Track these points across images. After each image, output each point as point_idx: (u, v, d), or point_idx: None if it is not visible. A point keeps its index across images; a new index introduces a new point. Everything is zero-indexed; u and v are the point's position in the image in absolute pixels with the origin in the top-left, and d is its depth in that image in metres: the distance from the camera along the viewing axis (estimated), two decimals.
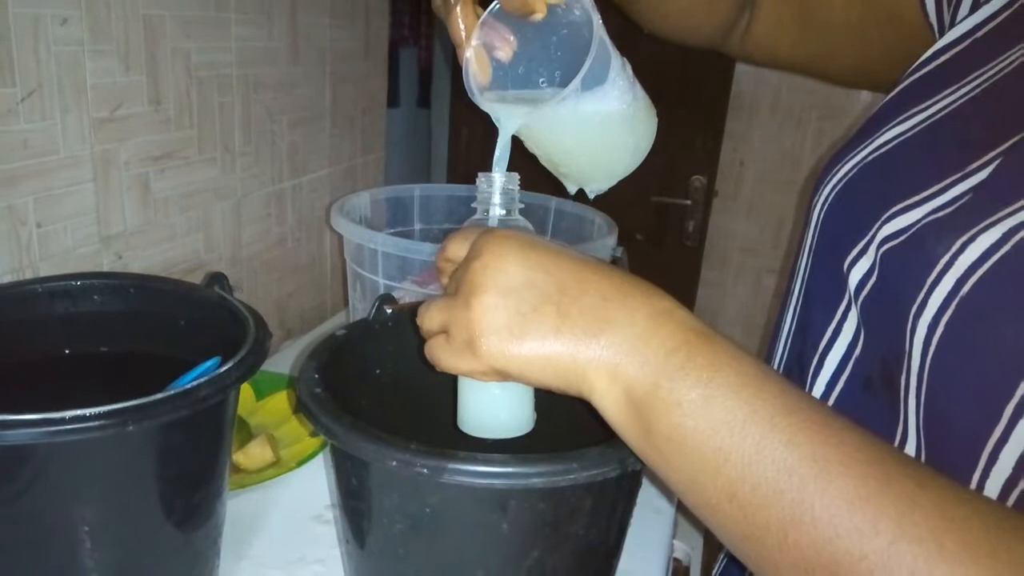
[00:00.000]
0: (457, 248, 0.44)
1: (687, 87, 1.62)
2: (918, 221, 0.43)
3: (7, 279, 0.67)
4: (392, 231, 0.94)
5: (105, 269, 0.78)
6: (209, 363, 0.48)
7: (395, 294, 0.70)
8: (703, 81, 1.65)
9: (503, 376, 0.40)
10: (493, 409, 0.46)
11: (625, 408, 0.37)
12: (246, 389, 0.82)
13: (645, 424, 0.37)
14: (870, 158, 0.51)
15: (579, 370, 0.38)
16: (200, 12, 0.85)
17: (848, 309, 0.48)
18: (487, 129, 0.51)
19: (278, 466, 0.75)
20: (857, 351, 0.48)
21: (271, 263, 1.06)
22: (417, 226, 0.96)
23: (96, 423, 0.41)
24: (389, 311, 0.58)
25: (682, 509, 0.77)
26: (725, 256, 1.91)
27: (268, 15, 0.96)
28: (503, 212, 0.50)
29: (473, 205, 0.51)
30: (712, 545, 0.74)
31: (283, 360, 0.96)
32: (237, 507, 0.70)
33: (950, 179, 0.43)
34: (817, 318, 0.51)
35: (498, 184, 0.50)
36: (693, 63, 1.57)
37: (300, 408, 0.45)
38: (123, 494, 0.47)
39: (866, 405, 0.47)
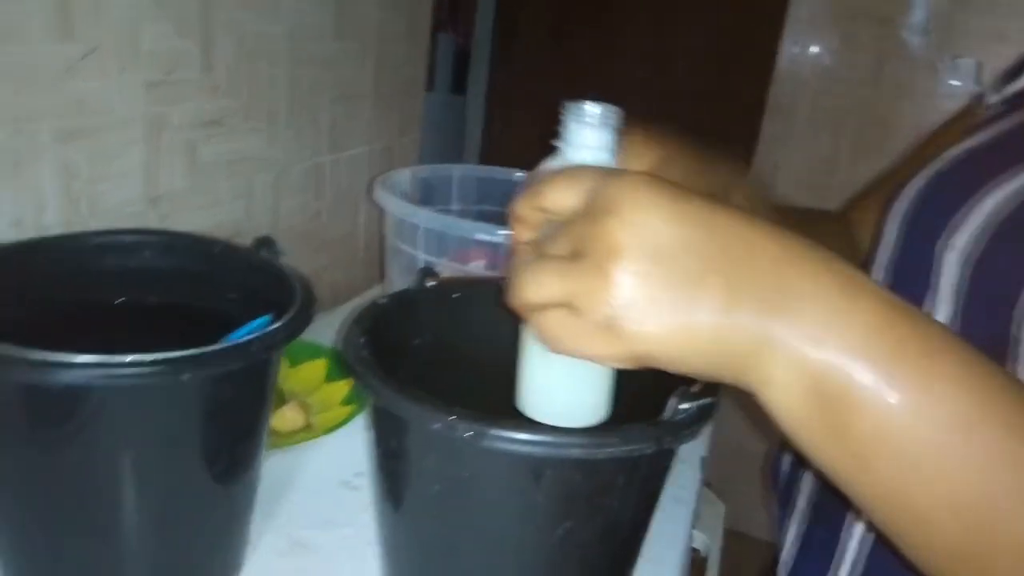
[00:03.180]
0: (562, 195, 0.34)
1: (725, 88, 1.62)
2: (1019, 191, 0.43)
3: (57, 231, 0.69)
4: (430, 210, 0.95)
5: None
6: (260, 320, 0.49)
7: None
8: (741, 83, 1.65)
9: (642, 362, 0.33)
10: (574, 394, 0.39)
11: (810, 402, 0.30)
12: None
13: (838, 421, 0.30)
14: (945, 167, 0.51)
15: (752, 357, 0.31)
16: None
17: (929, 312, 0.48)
18: (522, 116, 0.51)
19: (309, 431, 0.76)
20: None
21: (307, 235, 1.07)
22: (455, 206, 0.97)
23: (153, 369, 0.42)
24: (430, 284, 0.59)
25: (703, 500, 0.78)
26: None
27: None
28: (605, 158, 0.38)
29: (556, 143, 0.39)
30: (735, 540, 0.75)
31: (314, 330, 0.97)
32: (269, 467, 0.71)
33: None
34: None
35: (599, 116, 0.37)
36: (732, 65, 1.56)
37: (347, 369, 0.47)
38: (170, 443, 0.48)
39: None
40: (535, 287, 0.33)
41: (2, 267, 0.56)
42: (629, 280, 0.31)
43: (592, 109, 0.37)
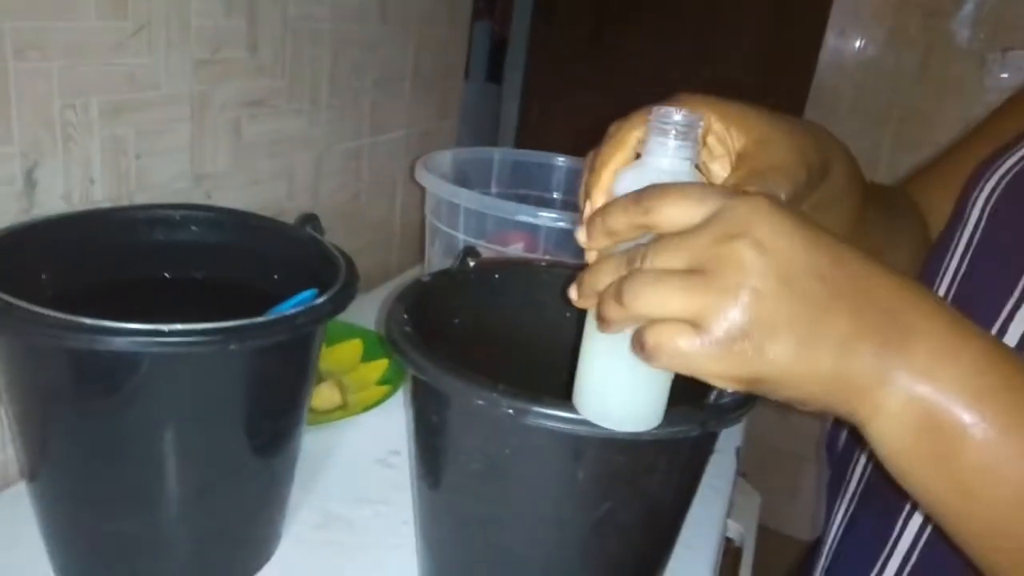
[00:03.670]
0: (680, 212, 0.33)
1: (767, 79, 1.60)
2: None
3: (106, 204, 0.70)
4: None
5: None
6: (306, 293, 0.50)
7: None
8: (784, 74, 1.63)
9: (754, 385, 0.33)
10: (642, 400, 0.39)
11: (919, 433, 0.32)
12: None
13: (947, 452, 0.31)
14: None
15: (866, 387, 0.32)
16: None
17: (1017, 308, 0.45)
18: (559, 107, 0.50)
19: (345, 409, 0.77)
20: None
21: (345, 217, 1.08)
22: (494, 189, 0.97)
23: (201, 339, 0.43)
24: (472, 263, 0.59)
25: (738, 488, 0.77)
26: None
27: None
28: (687, 164, 0.36)
29: (639, 150, 0.39)
30: (766, 535, 0.74)
31: (351, 311, 0.98)
32: (306, 443, 0.72)
33: None
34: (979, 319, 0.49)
35: (684, 125, 0.36)
36: (774, 56, 1.54)
37: (390, 345, 0.47)
38: (216, 413, 0.49)
39: None
40: (656, 299, 0.32)
41: (53, 238, 0.57)
42: (759, 302, 0.31)
43: (678, 118, 0.36)
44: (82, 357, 0.45)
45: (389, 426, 0.77)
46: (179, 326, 0.42)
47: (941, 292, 0.52)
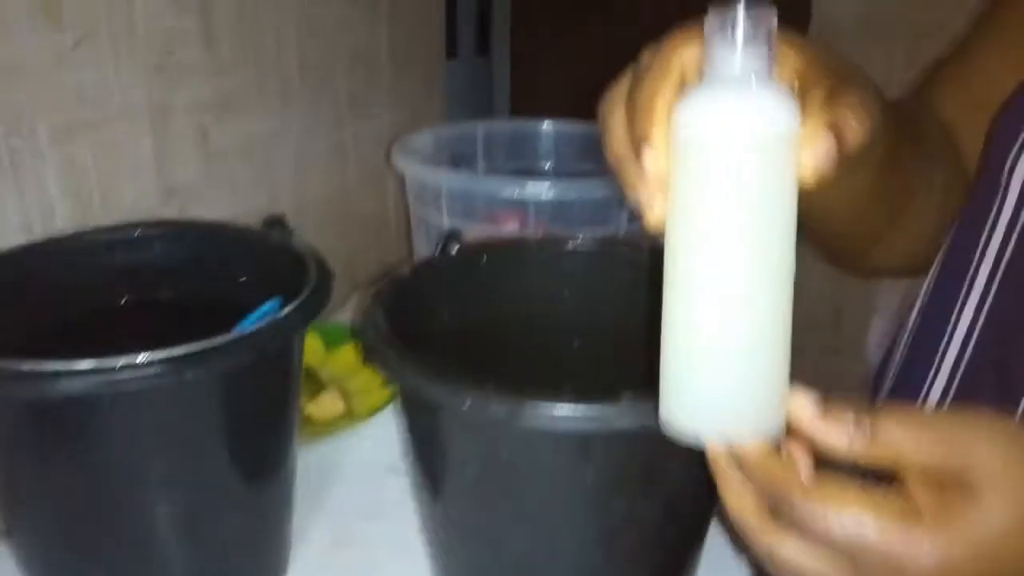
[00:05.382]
0: (926, 449, 0.29)
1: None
2: None
3: (69, 231, 0.66)
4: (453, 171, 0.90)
5: None
6: (268, 305, 0.45)
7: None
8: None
9: None
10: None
11: None
12: (315, 339, 0.81)
13: None
14: None
15: None
16: None
17: None
18: (548, 71, 0.43)
19: (350, 417, 0.73)
20: None
21: (336, 214, 1.03)
22: (481, 165, 0.91)
23: (150, 370, 0.38)
24: (455, 250, 0.54)
25: None
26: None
27: None
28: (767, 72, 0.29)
29: (706, 68, 0.30)
30: None
31: (348, 311, 0.94)
32: (310, 459, 0.68)
33: None
34: None
35: (752, 27, 0.29)
36: None
37: (363, 349, 0.42)
38: (189, 446, 0.45)
39: None
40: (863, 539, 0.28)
41: (8, 272, 0.53)
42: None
43: (741, 17, 0.29)
44: (33, 404, 0.41)
45: (398, 429, 0.72)
46: (124, 360, 0.38)
47: (982, 280, 0.45)
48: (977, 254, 0.46)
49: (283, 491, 0.53)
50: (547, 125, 0.91)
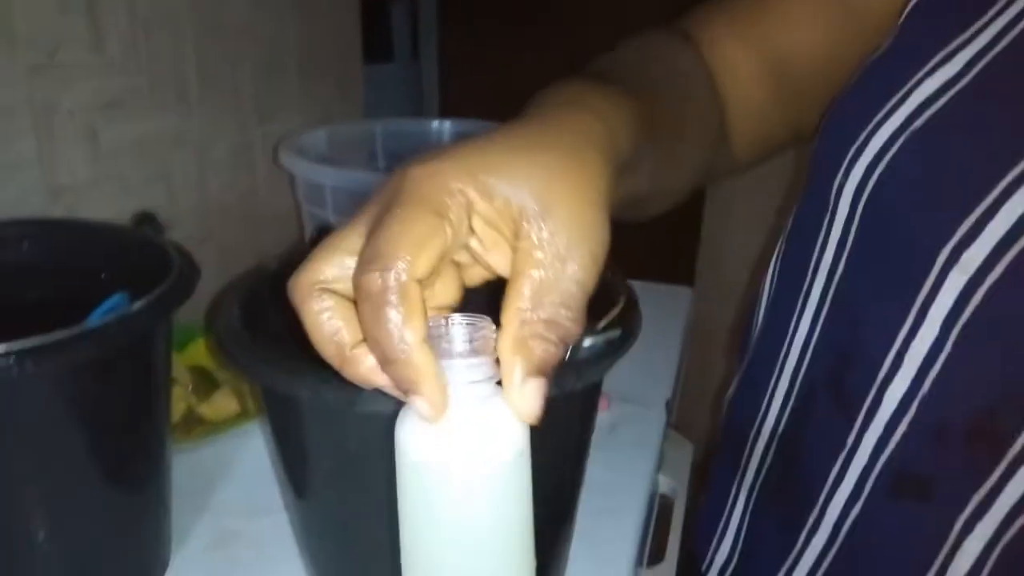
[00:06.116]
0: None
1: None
2: None
3: None
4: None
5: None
6: (111, 300, 0.45)
7: None
8: None
9: None
10: None
11: None
12: (210, 340, 0.80)
13: None
14: (920, 123, 0.39)
15: None
16: None
17: (917, 328, 0.38)
18: (478, 73, 0.44)
19: (245, 416, 0.72)
20: (926, 388, 0.38)
21: (243, 215, 1.02)
22: (382, 164, 0.91)
23: None
24: None
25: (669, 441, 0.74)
26: None
27: None
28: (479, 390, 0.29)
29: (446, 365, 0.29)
30: (700, 478, 0.71)
31: None
32: (202, 459, 0.68)
33: None
34: (872, 340, 0.41)
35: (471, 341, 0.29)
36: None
37: (214, 344, 0.42)
38: (42, 442, 0.44)
39: (944, 458, 0.38)
40: None
41: None
42: None
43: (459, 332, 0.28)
44: None
45: None
46: None
47: (816, 293, 0.46)
48: (810, 272, 0.46)
49: (156, 489, 0.53)
50: (446, 124, 0.92)
